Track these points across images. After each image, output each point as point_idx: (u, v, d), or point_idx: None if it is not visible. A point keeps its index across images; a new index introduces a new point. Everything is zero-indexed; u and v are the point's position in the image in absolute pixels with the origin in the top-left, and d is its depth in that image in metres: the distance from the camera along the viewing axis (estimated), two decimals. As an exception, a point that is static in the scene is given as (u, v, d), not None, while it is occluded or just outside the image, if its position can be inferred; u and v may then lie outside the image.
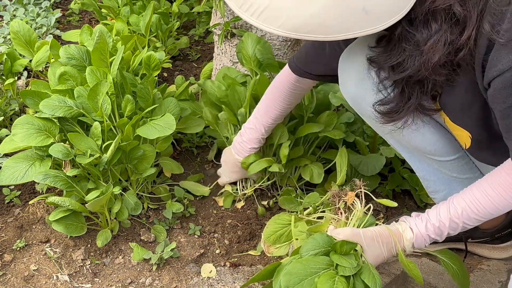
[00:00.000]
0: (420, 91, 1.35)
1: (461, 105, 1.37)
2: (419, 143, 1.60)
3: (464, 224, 1.37)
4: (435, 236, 1.39)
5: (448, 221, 1.36)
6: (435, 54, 1.22)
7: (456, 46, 1.22)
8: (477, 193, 1.35)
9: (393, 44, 1.28)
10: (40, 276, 1.78)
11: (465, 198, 1.36)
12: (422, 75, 1.27)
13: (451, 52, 1.22)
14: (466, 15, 1.19)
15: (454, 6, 1.19)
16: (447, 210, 1.37)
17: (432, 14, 1.20)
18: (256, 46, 2.13)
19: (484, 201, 1.33)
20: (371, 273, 1.31)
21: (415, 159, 1.71)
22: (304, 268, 1.31)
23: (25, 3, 3.25)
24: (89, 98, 1.83)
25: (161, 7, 2.95)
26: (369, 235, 1.37)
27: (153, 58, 2.09)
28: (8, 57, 2.38)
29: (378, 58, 1.34)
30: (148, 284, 1.79)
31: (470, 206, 1.35)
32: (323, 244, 1.36)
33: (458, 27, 1.21)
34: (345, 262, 1.30)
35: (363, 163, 2.02)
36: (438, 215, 1.38)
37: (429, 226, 1.38)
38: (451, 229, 1.38)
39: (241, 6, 1.18)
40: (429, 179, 1.71)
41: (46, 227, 1.92)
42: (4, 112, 2.31)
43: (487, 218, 1.36)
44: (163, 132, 1.84)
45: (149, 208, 2.05)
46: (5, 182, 1.78)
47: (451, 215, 1.36)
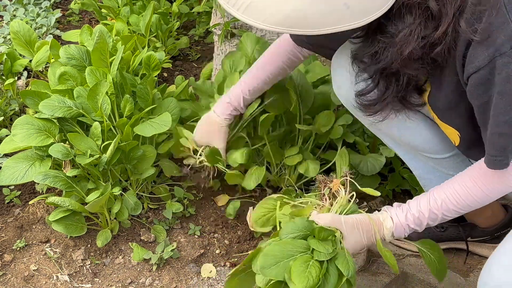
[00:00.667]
0: (396, 84, 1.37)
1: (448, 104, 1.39)
2: (413, 141, 1.61)
3: (443, 216, 1.40)
4: (414, 226, 1.41)
5: (428, 212, 1.39)
6: (407, 46, 1.24)
7: (431, 41, 1.23)
8: (457, 186, 1.38)
9: (370, 35, 1.31)
10: (40, 276, 1.78)
11: (445, 190, 1.39)
12: (395, 67, 1.30)
13: (426, 46, 1.24)
14: (441, 10, 1.21)
15: (429, 1, 1.21)
16: (427, 201, 1.40)
17: (407, 7, 1.22)
18: (255, 46, 2.12)
19: (463, 193, 1.36)
20: (346, 259, 1.33)
21: (411, 158, 1.71)
22: (281, 251, 1.33)
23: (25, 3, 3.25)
24: (89, 98, 1.83)
25: (161, 7, 2.95)
26: (349, 222, 1.39)
27: (153, 58, 2.09)
28: (8, 57, 2.38)
29: (357, 49, 1.38)
30: (148, 284, 1.79)
31: (450, 198, 1.38)
32: (302, 228, 1.38)
33: (433, 22, 1.22)
34: (321, 247, 1.33)
35: (363, 162, 2.02)
36: (418, 206, 1.41)
37: (409, 216, 1.40)
38: (430, 219, 1.41)
39: (228, 1, 1.21)
40: (426, 177, 1.72)
41: (46, 227, 1.92)
42: (4, 112, 2.31)
43: (466, 210, 1.40)
44: (159, 129, 1.84)
45: (149, 208, 2.06)
46: (5, 182, 1.78)
47: (431, 206, 1.39)
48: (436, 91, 1.40)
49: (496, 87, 1.19)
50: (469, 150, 1.52)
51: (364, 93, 1.44)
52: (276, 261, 1.32)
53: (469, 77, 1.24)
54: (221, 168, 1.97)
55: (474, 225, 1.81)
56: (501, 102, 1.20)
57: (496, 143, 1.26)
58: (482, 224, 1.80)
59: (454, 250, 1.88)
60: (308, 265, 1.30)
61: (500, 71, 1.17)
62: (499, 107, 1.21)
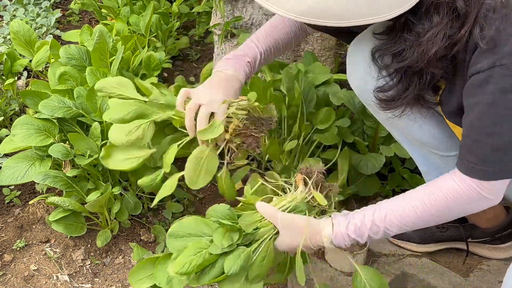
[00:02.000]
0: (419, 83, 1.35)
1: (457, 105, 1.38)
2: (421, 136, 1.61)
3: (386, 230, 1.35)
4: (355, 236, 1.36)
5: (370, 223, 1.35)
6: (433, 46, 1.23)
7: (453, 41, 1.23)
8: (403, 201, 1.35)
9: (396, 33, 1.30)
10: (40, 276, 1.78)
11: (392, 204, 1.36)
12: (420, 66, 1.29)
13: (448, 46, 1.24)
14: (467, 11, 1.21)
15: (458, 1, 1.20)
16: (372, 212, 1.37)
17: (435, 6, 1.22)
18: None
19: (408, 210, 1.33)
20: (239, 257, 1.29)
21: (419, 153, 1.71)
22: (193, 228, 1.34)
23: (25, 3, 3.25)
24: (88, 98, 1.83)
25: (161, 7, 2.95)
26: (286, 221, 1.36)
27: (153, 58, 2.09)
28: (8, 57, 2.38)
29: (381, 46, 1.36)
30: (148, 284, 1.79)
31: (395, 213, 1.34)
32: (224, 214, 1.37)
33: (458, 22, 1.22)
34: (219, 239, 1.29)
35: (363, 162, 2.02)
36: (362, 216, 1.37)
37: (350, 226, 1.36)
38: (372, 232, 1.36)
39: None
40: (432, 174, 1.72)
41: (46, 227, 1.92)
42: (4, 112, 2.31)
43: (410, 227, 1.35)
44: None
45: (149, 208, 2.05)
46: (5, 182, 1.78)
47: (374, 217, 1.35)
48: (448, 91, 1.40)
49: (488, 96, 1.19)
50: None
51: (385, 90, 1.42)
52: (183, 235, 1.33)
53: (469, 78, 1.24)
54: None
55: (475, 226, 1.80)
56: (490, 113, 1.20)
57: (478, 152, 1.25)
58: (483, 225, 1.80)
59: (454, 250, 1.88)
60: (197, 252, 1.29)
61: (496, 81, 1.17)
62: (487, 117, 1.21)
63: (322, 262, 1.74)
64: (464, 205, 1.31)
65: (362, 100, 1.62)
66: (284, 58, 2.36)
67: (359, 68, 1.53)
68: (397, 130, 1.67)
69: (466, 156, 1.28)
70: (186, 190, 2.15)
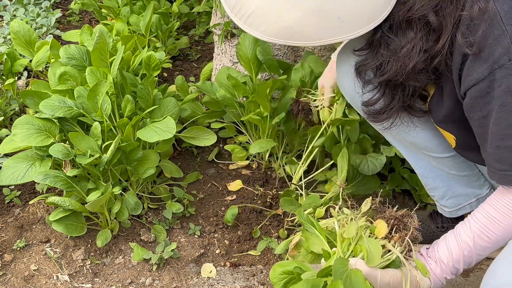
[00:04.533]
0: (402, 95, 1.37)
1: (444, 112, 1.40)
2: (415, 139, 1.62)
3: (478, 255, 1.33)
4: (451, 276, 1.35)
5: (462, 257, 1.32)
6: (410, 61, 1.25)
7: (432, 54, 1.24)
8: (483, 219, 1.31)
9: (373, 48, 1.32)
10: (40, 276, 1.78)
11: (473, 227, 1.32)
12: (400, 79, 1.30)
13: (427, 59, 1.25)
14: (441, 23, 1.21)
15: (429, 15, 1.21)
16: (458, 246, 1.32)
17: (407, 22, 1.23)
18: (257, 47, 2.13)
19: (492, 226, 1.29)
20: None
21: (413, 156, 1.72)
22: None
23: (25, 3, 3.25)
24: (89, 98, 1.83)
25: (161, 7, 2.95)
26: (385, 281, 1.29)
27: (153, 58, 2.09)
28: (8, 57, 2.38)
29: (362, 61, 1.39)
30: (148, 284, 1.79)
31: (481, 236, 1.31)
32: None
33: (433, 35, 1.23)
34: None
35: (363, 162, 2.02)
36: (449, 254, 1.33)
37: (444, 268, 1.33)
38: (466, 264, 1.34)
39: (232, 9, 1.26)
40: (428, 176, 1.72)
41: (46, 227, 1.92)
42: (4, 112, 2.31)
43: (500, 243, 1.31)
44: (163, 136, 1.84)
45: (149, 208, 2.05)
46: (5, 182, 1.78)
47: (463, 249, 1.32)
48: (435, 101, 1.41)
49: (498, 100, 1.18)
50: (466, 152, 1.52)
51: (371, 103, 1.44)
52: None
53: (467, 91, 1.23)
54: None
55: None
56: (505, 115, 1.19)
57: (504, 157, 1.23)
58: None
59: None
60: None
61: (500, 84, 1.17)
62: (503, 120, 1.20)
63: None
64: None
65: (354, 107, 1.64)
66: (284, 58, 2.36)
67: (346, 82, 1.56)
68: (389, 133, 1.67)
69: (495, 166, 1.26)
70: (186, 190, 2.15)
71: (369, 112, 1.46)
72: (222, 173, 2.27)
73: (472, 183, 1.70)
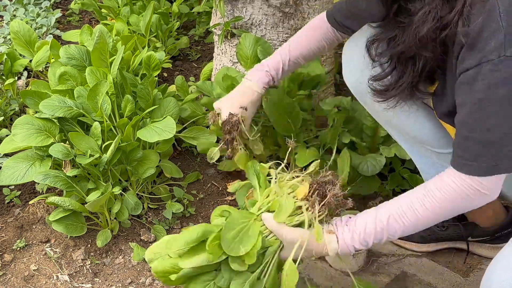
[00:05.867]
0: (412, 70, 1.37)
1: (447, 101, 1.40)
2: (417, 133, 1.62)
3: (389, 235, 1.36)
4: (360, 246, 1.37)
5: (374, 232, 1.36)
6: (424, 25, 1.24)
7: (443, 24, 1.24)
8: (404, 204, 1.35)
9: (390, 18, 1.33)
10: (40, 276, 1.78)
11: (392, 209, 1.36)
12: (412, 50, 1.30)
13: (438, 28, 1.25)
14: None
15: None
16: (374, 221, 1.36)
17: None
18: (257, 46, 2.12)
19: (409, 213, 1.33)
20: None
21: (415, 151, 1.73)
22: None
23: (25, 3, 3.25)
24: (89, 98, 1.83)
25: (161, 7, 2.95)
26: (290, 237, 1.35)
27: (153, 58, 2.09)
28: (8, 57, 2.38)
29: (376, 34, 1.39)
30: (148, 284, 1.79)
31: (396, 218, 1.34)
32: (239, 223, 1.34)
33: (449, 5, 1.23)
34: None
35: (363, 163, 2.02)
36: (365, 225, 1.37)
37: (355, 237, 1.37)
38: (376, 239, 1.37)
39: None
40: (428, 171, 1.73)
41: (46, 227, 1.92)
42: (4, 112, 2.31)
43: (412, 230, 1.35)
44: (163, 136, 1.84)
45: (149, 208, 2.06)
46: (5, 182, 1.78)
47: (377, 225, 1.35)
48: (439, 90, 1.41)
49: (477, 93, 1.20)
50: None
51: (380, 78, 1.44)
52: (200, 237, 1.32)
53: (459, 76, 1.25)
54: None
55: (475, 225, 1.81)
56: (480, 109, 1.21)
57: (469, 148, 1.26)
58: (483, 223, 1.80)
59: (454, 250, 1.88)
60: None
61: (484, 77, 1.18)
62: (477, 113, 1.21)
63: (322, 262, 1.74)
64: (463, 203, 1.31)
65: (358, 97, 1.64)
66: (284, 58, 2.36)
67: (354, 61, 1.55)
68: (391, 126, 1.68)
69: (459, 153, 1.29)
70: (186, 190, 2.15)
71: (376, 88, 1.45)
72: (222, 173, 2.27)
73: None
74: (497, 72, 1.16)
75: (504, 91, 1.16)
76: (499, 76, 1.16)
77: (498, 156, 1.23)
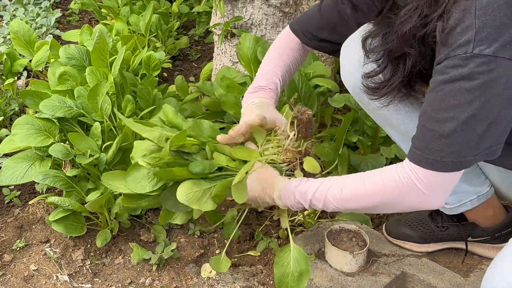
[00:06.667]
0: (402, 68, 1.38)
1: None
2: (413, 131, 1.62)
3: (327, 201, 1.38)
4: (299, 197, 1.41)
5: (315, 190, 1.39)
6: (407, 21, 1.26)
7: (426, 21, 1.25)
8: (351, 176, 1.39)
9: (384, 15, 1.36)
10: (40, 276, 1.78)
11: (340, 178, 1.41)
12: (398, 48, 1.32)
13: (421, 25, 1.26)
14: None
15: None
16: (321, 182, 1.41)
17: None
18: (258, 47, 2.13)
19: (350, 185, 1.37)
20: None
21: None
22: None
23: (25, 3, 3.25)
24: (89, 98, 1.83)
25: (161, 7, 2.96)
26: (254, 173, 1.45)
27: (153, 58, 2.09)
28: (8, 57, 2.39)
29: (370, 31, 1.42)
30: (148, 284, 1.79)
31: (338, 184, 1.38)
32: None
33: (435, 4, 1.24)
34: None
35: (363, 163, 2.03)
36: (311, 183, 1.41)
37: (300, 187, 1.41)
38: (315, 199, 1.40)
39: None
40: None
41: (46, 227, 1.92)
42: (4, 112, 2.31)
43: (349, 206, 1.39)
44: None
45: (149, 208, 2.05)
46: (5, 182, 1.78)
47: (320, 186, 1.39)
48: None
49: (439, 85, 1.22)
50: None
51: (372, 75, 1.46)
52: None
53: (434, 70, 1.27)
54: None
55: (475, 225, 1.81)
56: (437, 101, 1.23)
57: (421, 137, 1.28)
58: (483, 223, 1.80)
59: (454, 250, 1.88)
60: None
61: (448, 71, 1.20)
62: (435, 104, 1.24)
63: (322, 262, 1.74)
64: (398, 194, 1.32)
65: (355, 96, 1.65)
66: (284, 58, 2.36)
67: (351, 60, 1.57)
68: (388, 124, 1.68)
69: (413, 142, 1.31)
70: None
71: (369, 85, 1.47)
72: (222, 173, 2.27)
73: (472, 181, 1.71)
74: (460, 68, 1.18)
75: (463, 88, 1.18)
76: (461, 72, 1.17)
77: (445, 151, 1.24)
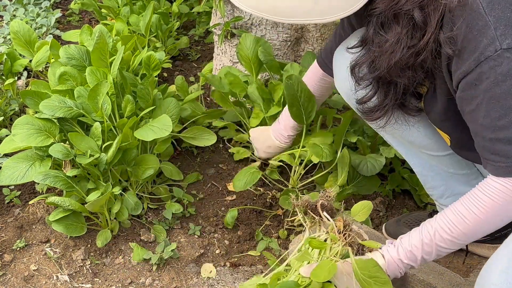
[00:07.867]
0: (394, 92, 1.38)
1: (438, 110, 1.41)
2: (412, 138, 1.62)
3: (439, 248, 1.32)
4: (408, 261, 1.34)
5: (421, 244, 1.32)
6: (394, 55, 1.25)
7: (416, 50, 1.24)
8: (450, 213, 1.30)
9: (366, 45, 1.34)
10: (40, 276, 1.78)
11: (438, 219, 1.33)
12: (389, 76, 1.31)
13: (412, 55, 1.25)
14: (425, 20, 1.21)
15: (414, 11, 1.21)
16: (420, 233, 1.34)
17: (394, 17, 1.24)
18: (258, 47, 2.12)
19: (456, 220, 1.29)
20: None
21: (412, 155, 1.72)
22: None
23: (25, 3, 3.25)
24: (89, 99, 1.83)
25: (161, 7, 2.95)
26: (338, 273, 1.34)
27: (153, 58, 2.08)
28: (8, 57, 2.38)
29: (356, 59, 1.40)
30: (148, 284, 1.79)
31: (443, 227, 1.30)
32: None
33: (419, 32, 1.23)
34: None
35: (362, 163, 2.03)
36: (410, 239, 1.34)
37: (401, 250, 1.34)
38: (425, 253, 1.33)
39: None
40: (426, 174, 1.73)
41: (46, 227, 1.92)
42: (4, 112, 2.31)
43: (462, 240, 1.31)
44: (159, 134, 1.83)
45: (149, 208, 2.05)
46: (5, 182, 1.78)
47: (423, 236, 1.32)
48: (428, 97, 1.42)
49: (487, 92, 1.18)
50: (461, 151, 1.53)
51: (365, 101, 1.45)
52: None
53: (458, 84, 1.24)
54: None
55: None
56: (495, 107, 1.18)
57: (498, 149, 1.22)
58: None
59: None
60: None
61: (488, 75, 1.16)
62: (492, 112, 1.19)
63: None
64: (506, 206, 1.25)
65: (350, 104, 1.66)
66: (284, 58, 2.36)
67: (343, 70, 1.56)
68: (386, 132, 1.68)
69: (489, 157, 1.25)
70: (186, 190, 2.15)
71: (363, 110, 1.47)
72: (222, 173, 2.27)
73: (470, 182, 1.71)
74: (498, 66, 1.15)
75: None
76: (502, 69, 1.15)
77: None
